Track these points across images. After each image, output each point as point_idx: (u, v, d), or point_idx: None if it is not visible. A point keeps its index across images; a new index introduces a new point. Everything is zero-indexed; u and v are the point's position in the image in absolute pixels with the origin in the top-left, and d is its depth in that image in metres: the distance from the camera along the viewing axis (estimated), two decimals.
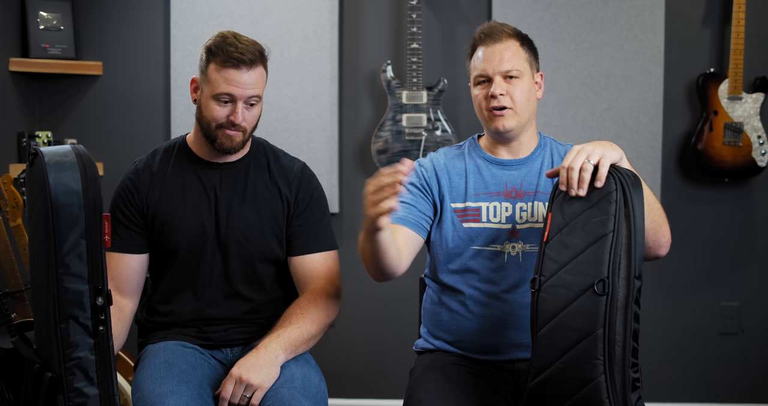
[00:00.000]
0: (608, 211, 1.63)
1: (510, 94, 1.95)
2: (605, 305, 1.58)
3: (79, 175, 1.55)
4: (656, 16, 3.18)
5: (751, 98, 3.13)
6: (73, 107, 3.33)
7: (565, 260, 1.65)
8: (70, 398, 1.58)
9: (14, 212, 2.75)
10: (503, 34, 1.98)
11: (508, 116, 1.95)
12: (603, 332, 1.58)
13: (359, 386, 3.37)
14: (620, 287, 1.59)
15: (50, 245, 1.54)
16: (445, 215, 2.00)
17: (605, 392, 1.58)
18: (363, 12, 3.30)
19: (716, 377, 3.32)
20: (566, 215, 1.68)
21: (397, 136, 3.17)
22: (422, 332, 2.12)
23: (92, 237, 1.56)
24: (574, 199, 1.70)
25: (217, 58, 1.96)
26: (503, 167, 2.02)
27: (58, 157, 1.56)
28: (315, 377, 1.96)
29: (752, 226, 3.29)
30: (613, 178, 1.66)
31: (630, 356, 1.59)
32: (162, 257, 2.08)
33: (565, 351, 1.61)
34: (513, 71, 1.95)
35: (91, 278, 1.57)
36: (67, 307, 1.55)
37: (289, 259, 2.10)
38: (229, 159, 2.09)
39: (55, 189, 1.53)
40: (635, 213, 1.62)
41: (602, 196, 1.65)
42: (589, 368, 1.59)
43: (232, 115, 1.98)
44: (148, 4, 3.31)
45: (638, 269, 1.61)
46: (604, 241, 1.61)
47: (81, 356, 1.58)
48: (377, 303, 3.34)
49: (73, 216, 1.53)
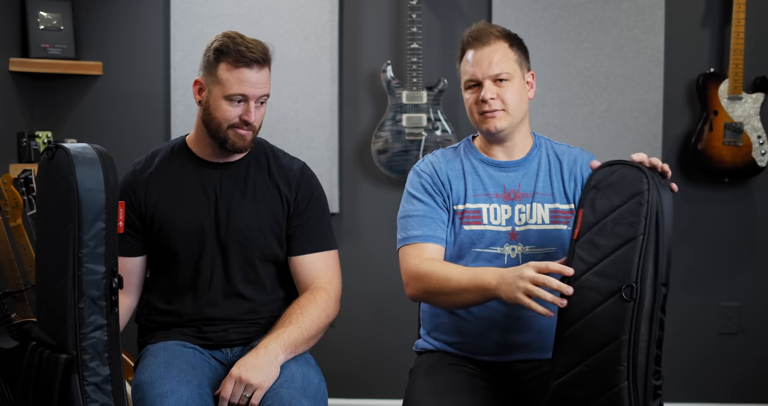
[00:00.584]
0: (639, 212, 1.59)
1: (501, 96, 1.95)
2: (632, 311, 1.57)
3: (100, 165, 1.71)
4: (656, 16, 3.18)
5: (751, 98, 3.13)
6: (73, 107, 3.33)
7: (594, 261, 1.62)
8: (84, 377, 1.67)
9: (14, 212, 2.75)
10: (491, 36, 1.97)
11: (500, 117, 1.96)
12: (629, 338, 1.57)
13: (359, 386, 3.37)
14: (647, 293, 1.58)
15: (73, 227, 1.67)
16: (452, 217, 2.00)
17: (627, 398, 1.57)
18: (363, 12, 3.30)
19: (716, 377, 3.32)
20: (597, 213, 1.64)
21: (397, 136, 3.17)
22: (422, 333, 2.12)
23: (110, 221, 1.71)
24: (604, 194, 1.65)
25: (229, 58, 1.96)
26: (500, 169, 2.02)
27: (79, 150, 1.72)
28: (315, 377, 1.95)
29: (752, 226, 3.29)
30: (646, 177, 1.62)
31: (653, 364, 1.59)
32: (162, 257, 2.08)
33: (590, 354, 1.60)
34: (503, 74, 1.95)
35: (107, 260, 1.70)
36: (85, 287, 1.67)
37: (289, 259, 2.10)
38: (229, 159, 2.09)
39: (80, 176, 1.68)
40: (665, 216, 1.59)
41: (633, 195, 1.61)
42: (612, 373, 1.58)
43: (246, 115, 1.99)
44: (148, 4, 3.31)
45: (665, 275, 1.60)
46: (634, 244, 1.58)
47: (96, 337, 1.68)
48: (377, 303, 3.34)
49: (96, 201, 1.69)
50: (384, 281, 3.25)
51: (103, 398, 1.68)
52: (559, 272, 1.65)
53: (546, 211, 1.97)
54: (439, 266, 1.90)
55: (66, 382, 1.65)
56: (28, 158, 3.12)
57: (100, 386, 1.68)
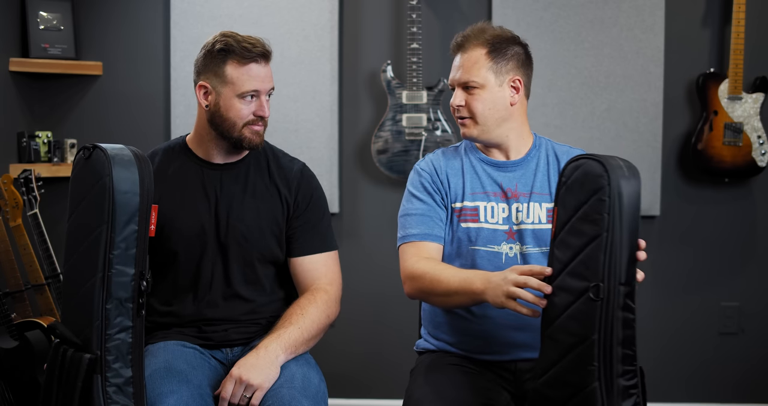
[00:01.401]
0: (602, 209, 1.57)
1: (468, 105, 1.97)
2: (601, 310, 1.55)
3: (136, 167, 1.70)
4: (656, 16, 3.18)
5: (751, 98, 3.13)
6: (73, 107, 3.33)
7: (567, 261, 1.62)
8: (107, 378, 1.66)
9: (14, 212, 2.75)
10: (472, 43, 1.98)
11: (468, 126, 1.99)
12: (599, 337, 1.56)
13: (359, 386, 3.37)
14: (611, 292, 1.56)
15: (105, 228, 1.67)
16: (450, 214, 2.01)
17: (599, 399, 1.56)
18: (363, 12, 3.30)
19: (716, 377, 3.32)
20: (567, 211, 1.63)
21: (397, 136, 3.17)
22: (423, 333, 2.12)
23: (143, 224, 1.71)
24: (572, 191, 1.63)
25: (236, 55, 1.96)
26: (498, 168, 2.03)
27: (116, 151, 1.72)
28: (315, 377, 1.95)
29: (752, 226, 3.29)
30: (606, 171, 1.58)
31: (619, 364, 1.57)
32: (162, 258, 2.08)
33: (565, 355, 1.60)
34: (471, 82, 1.96)
35: (137, 263, 1.70)
36: (114, 288, 1.67)
37: (289, 260, 2.10)
38: (230, 160, 2.09)
39: (117, 178, 1.68)
40: (623, 212, 1.56)
41: (595, 191, 1.58)
42: (584, 374, 1.57)
43: (260, 110, 2.00)
44: (148, 4, 3.31)
45: (623, 275, 1.56)
46: (599, 242, 1.56)
47: (121, 338, 1.68)
48: (377, 303, 3.34)
49: (130, 204, 1.69)
50: (384, 281, 3.25)
51: (124, 400, 1.68)
52: (540, 273, 1.66)
53: (543, 210, 1.98)
54: (433, 266, 1.91)
55: (88, 382, 1.65)
56: (28, 158, 3.12)
57: (122, 388, 1.68)
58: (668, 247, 3.28)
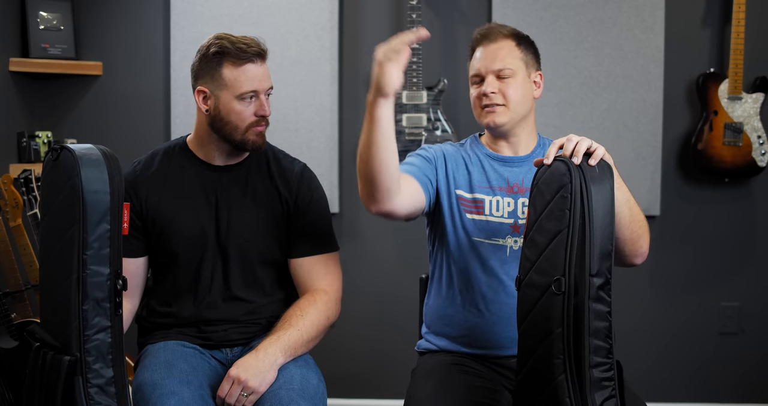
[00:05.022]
0: (564, 205, 1.61)
1: (502, 92, 1.97)
2: (563, 304, 1.59)
3: (105, 166, 1.71)
4: (656, 16, 3.18)
5: (751, 98, 3.13)
6: (73, 107, 3.33)
7: (534, 259, 1.66)
8: (88, 379, 1.67)
9: (14, 212, 2.75)
10: (499, 34, 2.01)
11: (499, 112, 1.98)
12: (562, 331, 1.58)
13: (360, 386, 3.37)
14: (579, 285, 1.58)
15: (77, 229, 1.67)
16: (451, 202, 2.01)
17: (566, 391, 1.58)
18: (363, 12, 3.30)
19: (716, 377, 3.32)
20: (536, 211, 1.67)
21: (397, 136, 3.16)
22: (423, 332, 2.12)
23: (115, 223, 1.71)
24: (540, 191, 1.67)
25: (231, 57, 1.96)
26: (505, 164, 2.04)
27: (84, 151, 1.72)
28: (314, 379, 1.95)
29: (752, 226, 3.29)
30: (569, 171, 1.63)
31: (591, 356, 1.58)
32: (163, 260, 2.08)
33: (534, 351, 1.63)
34: (505, 70, 1.97)
35: (112, 262, 1.70)
36: (90, 289, 1.67)
37: (289, 261, 2.10)
38: (231, 162, 2.09)
39: (86, 178, 1.68)
40: (591, 207, 1.60)
41: (559, 188, 1.63)
42: (550, 367, 1.60)
43: (261, 110, 2.00)
44: (148, 4, 3.31)
45: (595, 266, 1.59)
46: (561, 237, 1.61)
47: (100, 338, 1.68)
48: (378, 303, 3.34)
49: (101, 203, 1.69)
50: (384, 281, 3.25)
51: (106, 400, 1.68)
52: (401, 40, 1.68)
53: None
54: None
55: (69, 384, 1.65)
56: (28, 158, 3.12)
57: (104, 388, 1.68)
58: (668, 247, 3.28)
